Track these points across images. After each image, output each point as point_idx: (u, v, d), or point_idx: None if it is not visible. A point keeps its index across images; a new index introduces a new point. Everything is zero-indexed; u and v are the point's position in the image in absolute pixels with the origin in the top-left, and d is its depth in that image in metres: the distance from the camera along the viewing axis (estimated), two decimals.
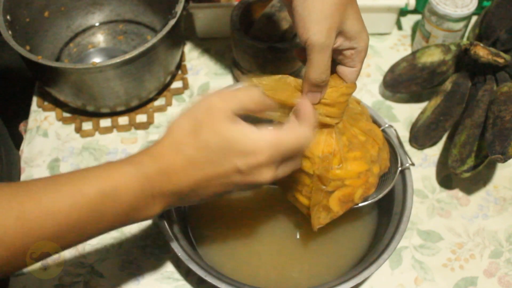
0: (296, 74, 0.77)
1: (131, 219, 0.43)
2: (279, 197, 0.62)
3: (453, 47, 0.73)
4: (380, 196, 0.57)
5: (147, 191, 0.42)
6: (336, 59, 0.51)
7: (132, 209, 0.42)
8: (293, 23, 0.48)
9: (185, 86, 0.81)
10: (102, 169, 0.41)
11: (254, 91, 0.45)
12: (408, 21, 0.90)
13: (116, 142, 0.75)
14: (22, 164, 0.72)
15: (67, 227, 0.39)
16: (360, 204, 0.57)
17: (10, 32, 0.69)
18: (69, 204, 0.39)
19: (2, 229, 0.36)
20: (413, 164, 0.61)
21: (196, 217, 0.65)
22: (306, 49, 0.47)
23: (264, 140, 0.42)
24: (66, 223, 0.39)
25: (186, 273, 0.63)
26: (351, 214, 0.56)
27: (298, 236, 0.63)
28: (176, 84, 0.82)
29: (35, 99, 0.79)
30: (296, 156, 0.46)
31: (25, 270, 0.61)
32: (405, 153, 0.62)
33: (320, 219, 0.54)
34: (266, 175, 0.43)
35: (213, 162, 0.42)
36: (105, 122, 0.77)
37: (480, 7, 0.83)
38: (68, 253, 0.64)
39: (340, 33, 0.47)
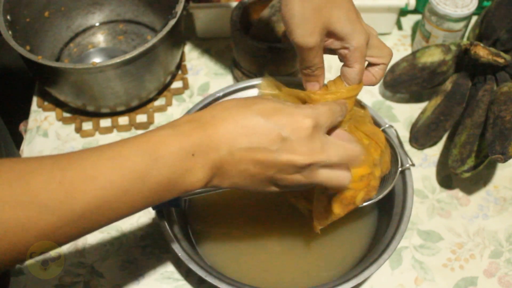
0: (296, 74, 0.77)
1: (175, 186, 0.41)
2: (281, 198, 0.62)
3: (453, 47, 0.73)
4: (381, 196, 0.57)
5: (186, 149, 0.40)
6: (339, 59, 0.52)
7: (174, 171, 0.40)
8: (283, 22, 0.50)
9: (185, 86, 0.81)
10: (141, 135, 0.41)
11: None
12: (408, 21, 0.90)
13: None
14: None
15: (112, 191, 0.38)
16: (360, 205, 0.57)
17: (10, 32, 0.69)
18: (110, 167, 0.38)
19: (46, 194, 0.36)
20: (413, 165, 0.61)
21: (196, 217, 0.65)
22: (296, 50, 0.50)
23: (304, 111, 0.43)
24: (110, 187, 0.38)
25: (186, 273, 0.63)
26: (351, 214, 0.56)
27: (298, 237, 0.63)
28: (176, 84, 0.82)
29: (35, 99, 0.79)
30: (338, 140, 0.45)
31: (25, 270, 0.62)
32: (405, 153, 0.62)
33: (321, 220, 0.54)
34: (304, 151, 0.42)
35: (255, 118, 0.41)
36: (105, 122, 0.77)
37: (480, 7, 0.83)
38: (68, 253, 0.64)
39: (330, 33, 0.49)
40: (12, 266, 0.37)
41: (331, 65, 0.82)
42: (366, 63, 0.53)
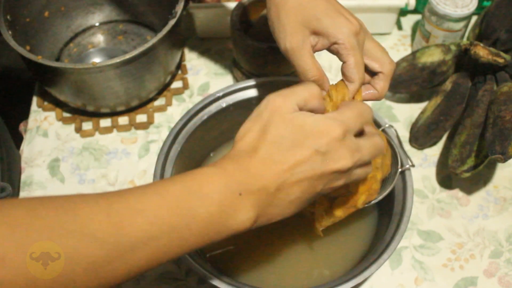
0: (296, 74, 0.77)
1: (224, 226, 0.40)
2: None
3: (453, 47, 0.73)
4: (381, 197, 0.57)
5: (232, 188, 0.40)
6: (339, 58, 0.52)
7: (221, 210, 0.39)
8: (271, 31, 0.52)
9: (185, 86, 0.81)
10: (184, 173, 0.40)
11: (311, 85, 0.45)
12: (408, 21, 0.90)
13: (116, 142, 0.75)
14: (22, 164, 0.73)
15: (159, 226, 0.37)
16: None
17: (10, 32, 0.69)
18: (156, 202, 0.37)
19: (94, 225, 0.34)
20: (413, 166, 0.61)
21: None
22: (287, 58, 0.51)
23: (331, 118, 0.43)
24: (157, 222, 0.37)
25: (186, 273, 0.63)
26: (352, 214, 0.56)
27: (298, 237, 0.63)
28: (176, 84, 0.82)
29: (35, 99, 0.79)
30: (364, 139, 0.45)
31: None
32: (406, 154, 0.62)
33: (322, 222, 0.55)
34: (346, 155, 0.42)
35: (290, 150, 0.41)
36: (105, 122, 0.77)
37: (480, 7, 0.83)
38: None
39: (314, 32, 0.49)
40: None
41: (331, 64, 0.82)
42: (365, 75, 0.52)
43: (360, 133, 0.46)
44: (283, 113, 0.42)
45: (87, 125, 0.77)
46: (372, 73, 0.53)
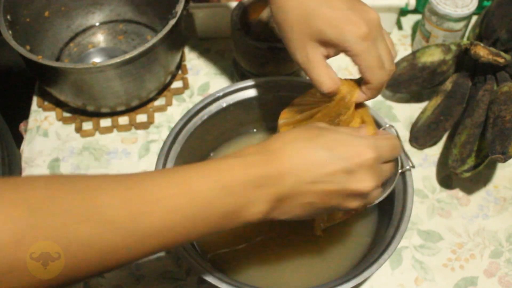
0: (296, 74, 0.77)
1: (237, 217, 0.41)
2: None
3: (453, 47, 0.73)
4: (381, 198, 0.57)
5: (252, 181, 0.40)
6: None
7: (238, 201, 0.40)
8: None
9: (185, 86, 0.81)
10: (207, 162, 0.41)
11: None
12: (408, 21, 0.90)
13: (116, 142, 0.75)
14: (23, 164, 0.72)
15: (176, 216, 0.37)
16: None
17: (10, 32, 0.69)
18: (177, 191, 0.38)
19: (111, 211, 0.35)
20: (413, 167, 0.61)
21: None
22: (303, 71, 0.51)
23: (369, 143, 0.44)
24: (175, 211, 0.37)
25: (186, 273, 0.63)
26: (352, 215, 0.56)
27: (298, 237, 0.63)
28: (176, 84, 0.82)
29: (35, 99, 0.79)
30: (391, 160, 0.47)
31: None
32: (406, 154, 0.62)
33: (322, 223, 0.55)
34: (370, 180, 0.43)
35: (322, 158, 0.42)
36: (105, 122, 0.77)
37: (480, 7, 0.83)
38: None
39: (322, 43, 0.48)
40: (70, 284, 0.36)
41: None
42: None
43: None
44: (325, 129, 0.44)
45: (87, 125, 0.77)
46: None
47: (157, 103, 0.79)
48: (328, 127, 0.45)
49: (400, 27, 0.89)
